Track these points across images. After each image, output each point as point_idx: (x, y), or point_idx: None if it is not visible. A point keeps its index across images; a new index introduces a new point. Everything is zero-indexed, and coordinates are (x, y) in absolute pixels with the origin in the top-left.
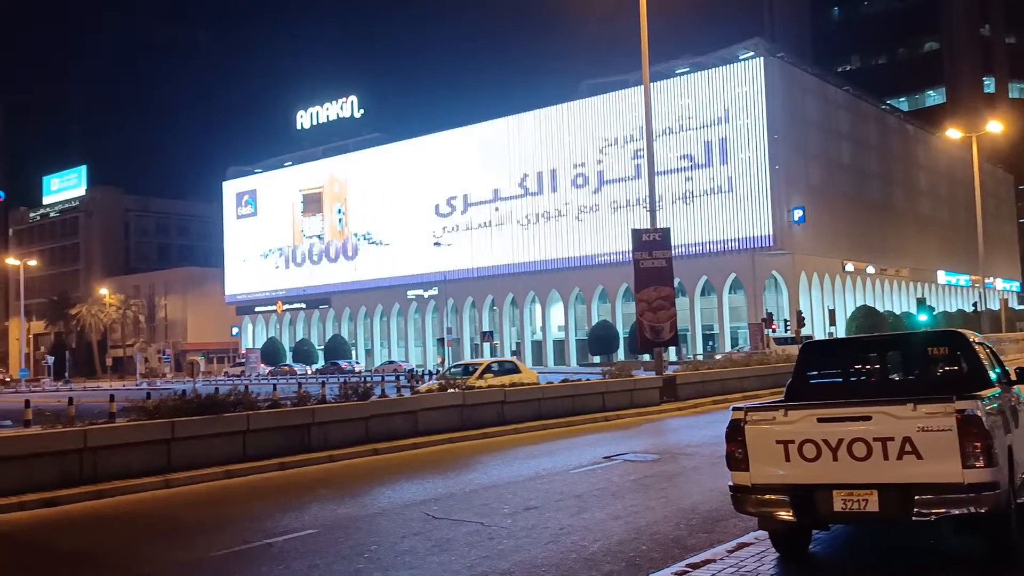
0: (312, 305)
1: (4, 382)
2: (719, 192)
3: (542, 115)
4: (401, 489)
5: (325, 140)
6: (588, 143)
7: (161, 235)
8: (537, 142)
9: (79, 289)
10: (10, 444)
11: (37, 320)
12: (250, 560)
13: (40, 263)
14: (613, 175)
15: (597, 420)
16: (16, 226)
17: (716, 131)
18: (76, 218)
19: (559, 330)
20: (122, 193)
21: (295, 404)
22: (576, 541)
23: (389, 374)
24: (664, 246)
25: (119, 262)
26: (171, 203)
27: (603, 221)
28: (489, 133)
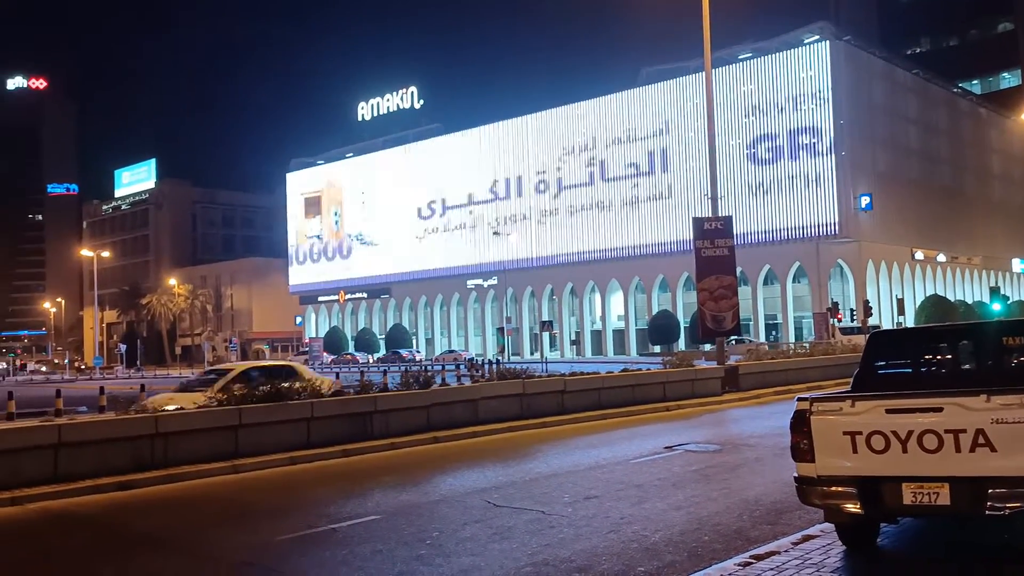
0: (374, 295)
1: (79, 369)
2: (783, 179)
3: (602, 102)
4: (462, 477)
5: (386, 131)
6: (649, 130)
7: (227, 226)
8: (598, 129)
9: (149, 279)
10: (86, 429)
11: (110, 309)
12: (315, 545)
13: (112, 254)
14: (674, 163)
15: (658, 410)
16: (90, 218)
17: (780, 117)
18: (146, 210)
19: (619, 319)
20: (189, 186)
21: (358, 392)
22: (637, 531)
23: (449, 363)
24: (726, 234)
25: (187, 253)
26: (236, 195)
27: (664, 210)
28: (548, 121)
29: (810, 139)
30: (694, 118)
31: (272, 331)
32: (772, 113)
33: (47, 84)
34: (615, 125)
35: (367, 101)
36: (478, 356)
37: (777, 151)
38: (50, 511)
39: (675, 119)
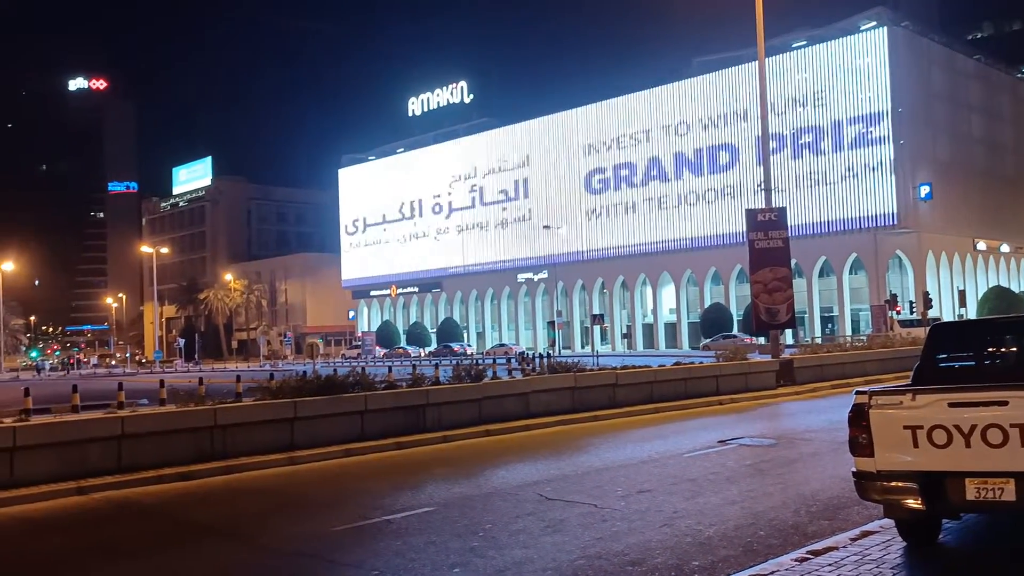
0: (425, 289)
1: (140, 363)
2: (840, 169)
3: (653, 94)
4: (514, 470)
5: (436, 126)
6: (701, 122)
7: (280, 222)
8: (649, 121)
9: (206, 275)
10: (150, 421)
11: (169, 304)
12: (369, 535)
13: (171, 250)
14: (728, 155)
15: (711, 404)
16: (149, 216)
17: (836, 106)
18: (203, 207)
19: (671, 313)
20: (244, 182)
21: (410, 385)
22: (691, 525)
23: (500, 357)
24: (780, 226)
25: (242, 249)
26: (289, 191)
27: (716, 201)
28: (598, 114)
29: (867, 128)
30: (747, 108)
31: (326, 325)
32: (828, 102)
33: (107, 85)
34: (666, 117)
35: (417, 96)
36: (529, 350)
37: (833, 140)
38: (114, 500)
39: (728, 110)
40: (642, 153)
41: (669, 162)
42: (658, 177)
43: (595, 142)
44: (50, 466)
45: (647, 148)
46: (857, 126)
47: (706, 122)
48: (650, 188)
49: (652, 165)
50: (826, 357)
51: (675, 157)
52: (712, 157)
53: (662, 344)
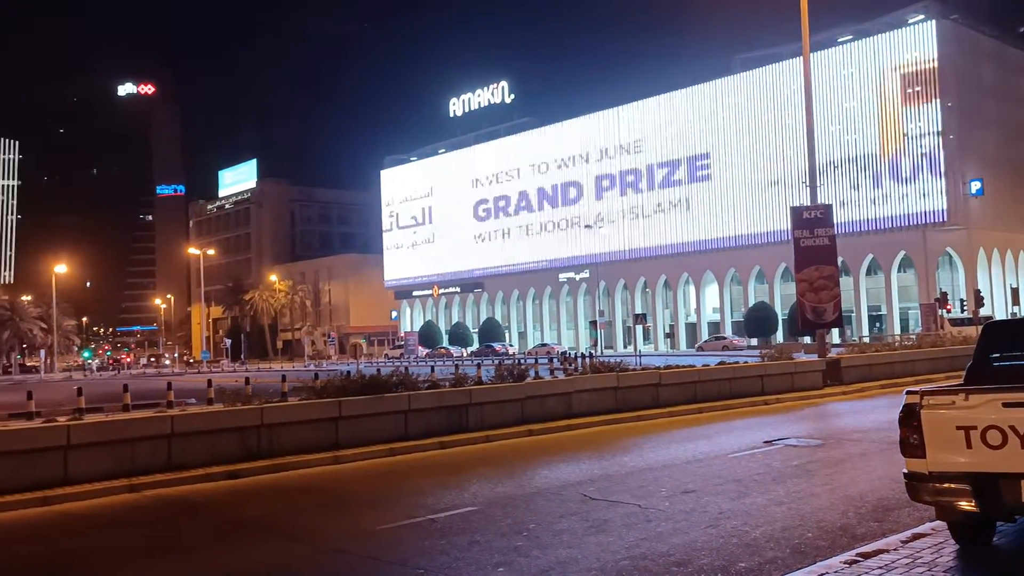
0: (466, 289)
1: (188, 363)
2: (887, 165)
3: (695, 91)
4: (557, 469)
5: (477, 126)
6: (744, 119)
7: (324, 223)
8: (691, 119)
9: (251, 276)
10: (198, 420)
11: (215, 305)
12: (414, 534)
13: (217, 252)
14: (770, 152)
15: (756, 404)
16: (196, 218)
17: (883, 101)
18: (248, 209)
19: (714, 312)
20: (288, 184)
21: (453, 385)
22: (737, 526)
23: (542, 356)
24: (826, 223)
25: (286, 250)
26: (332, 192)
27: (760, 199)
28: (639, 112)
29: (916, 123)
30: (791, 104)
31: (369, 325)
32: (874, 97)
33: (155, 89)
34: (709, 114)
35: (458, 97)
36: (571, 349)
37: (880, 136)
38: (165, 498)
39: (771, 106)
40: (685, 150)
41: (713, 159)
42: (701, 174)
43: (637, 140)
44: (103, 464)
45: (690, 145)
46: (906, 121)
47: (749, 118)
48: (693, 186)
49: (695, 163)
50: (874, 356)
51: (719, 154)
52: (756, 154)
53: None
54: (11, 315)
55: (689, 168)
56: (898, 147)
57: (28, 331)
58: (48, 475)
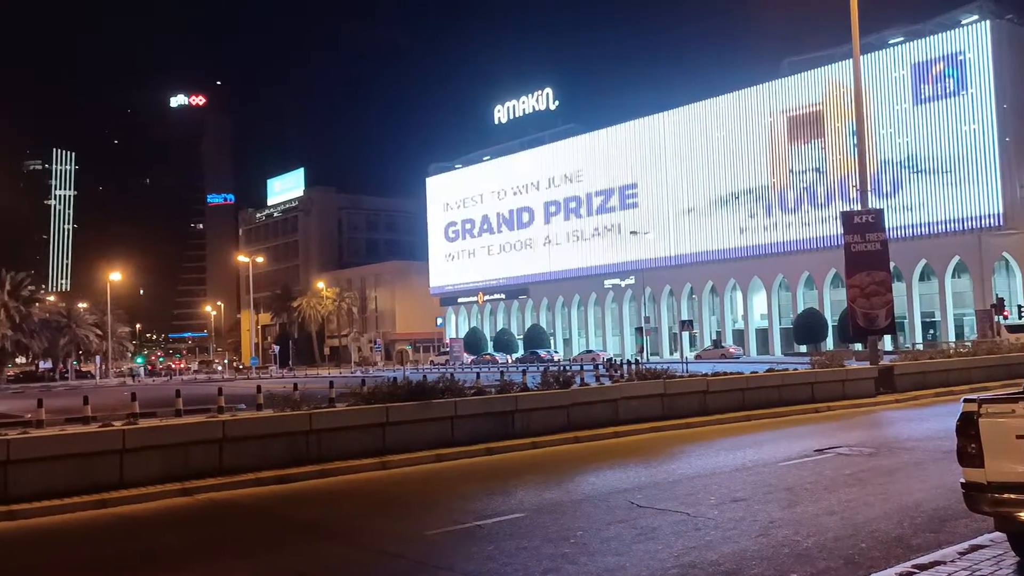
0: (511, 295)
1: (238, 369)
2: (940, 168)
3: (741, 96)
4: (604, 476)
5: (522, 133)
6: (791, 123)
7: (370, 230)
8: (737, 124)
9: (299, 283)
10: (249, 425)
11: (264, 312)
12: (462, 539)
13: (266, 260)
14: (820, 156)
15: (806, 411)
16: (245, 226)
17: (936, 103)
18: (296, 217)
19: (762, 318)
20: (335, 192)
21: (499, 392)
22: (788, 535)
23: (587, 363)
24: (878, 228)
25: (333, 257)
26: (379, 200)
27: (808, 204)
28: (686, 117)
29: (970, 126)
30: (841, 108)
31: (414, 332)
32: (927, 99)
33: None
34: (755, 119)
35: (503, 104)
36: (616, 356)
37: (933, 139)
38: (217, 501)
39: (821, 110)
40: (732, 156)
41: (760, 164)
42: (746, 180)
43: (683, 146)
44: (157, 468)
45: (737, 151)
46: (959, 123)
47: (798, 123)
48: (740, 191)
49: (743, 167)
50: (928, 364)
51: (767, 160)
52: (805, 158)
53: (753, 350)
54: (68, 322)
55: (735, 172)
56: (952, 150)
57: (84, 337)
58: (105, 478)
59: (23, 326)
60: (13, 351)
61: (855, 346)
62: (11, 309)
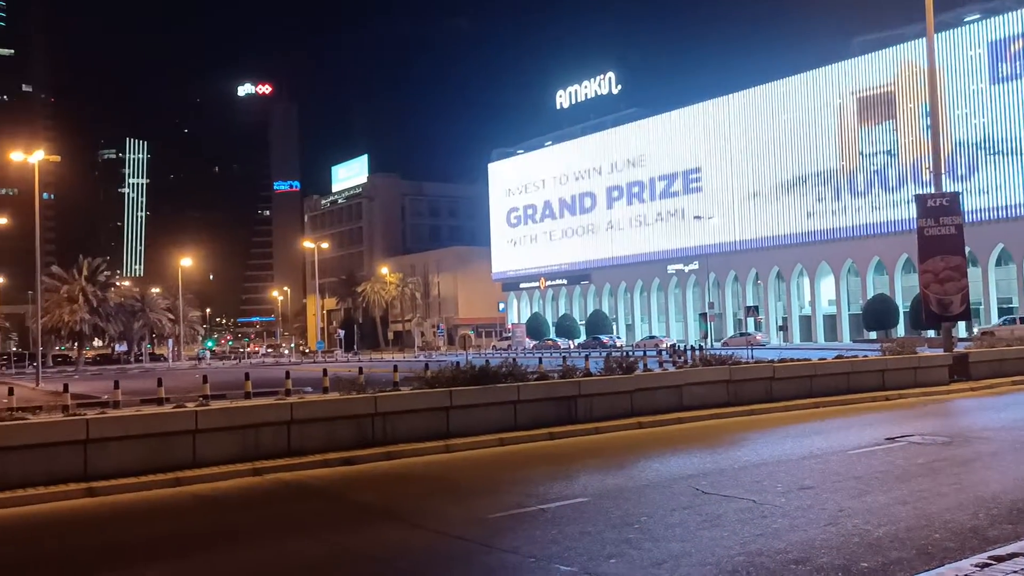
0: (573, 281)
1: (304, 353)
2: (1018, 149)
3: (809, 77)
4: (667, 463)
5: (584, 118)
6: (861, 104)
7: (433, 216)
8: (804, 105)
9: (363, 269)
10: (316, 408)
11: (329, 297)
12: (525, 522)
13: (330, 246)
14: (891, 137)
15: (876, 399)
16: (310, 213)
17: (1014, 82)
18: (359, 203)
19: (830, 304)
20: (398, 179)
21: (561, 377)
22: (858, 525)
23: (650, 349)
24: (953, 211)
25: (396, 243)
26: (441, 186)
27: (879, 187)
28: (751, 100)
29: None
30: (914, 88)
31: (476, 317)
32: (1005, 77)
33: (272, 90)
34: (824, 100)
35: (565, 89)
36: (680, 342)
37: (1011, 119)
38: (286, 482)
39: (893, 90)
40: (799, 139)
41: (828, 146)
42: (813, 163)
43: (748, 129)
44: (228, 448)
45: (804, 133)
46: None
47: (867, 104)
48: (807, 174)
49: (810, 150)
50: (1006, 351)
51: (834, 142)
52: (876, 140)
53: (820, 337)
54: (142, 306)
55: (802, 154)
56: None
57: (157, 321)
58: (179, 458)
59: (100, 310)
60: (91, 334)
61: (927, 333)
62: (89, 294)
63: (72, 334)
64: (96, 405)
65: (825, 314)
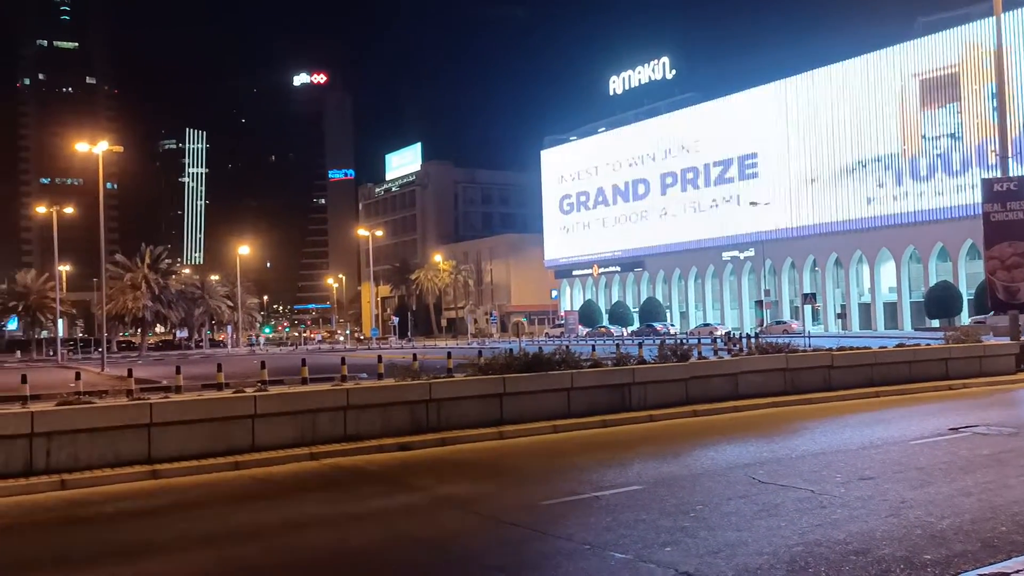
0: (626, 268)
1: (359, 340)
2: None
3: (869, 60)
4: (723, 451)
5: (637, 104)
6: (923, 86)
7: (485, 204)
8: (864, 88)
9: (417, 256)
10: (372, 394)
11: (384, 284)
12: (578, 509)
13: (384, 233)
14: (953, 120)
15: (939, 388)
16: (364, 201)
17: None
18: (413, 191)
19: (890, 291)
20: (451, 166)
21: (615, 364)
22: (920, 516)
23: (705, 337)
24: (1021, 196)
25: (449, 230)
26: (493, 173)
27: (941, 170)
28: (808, 83)
29: None
30: (979, 69)
31: (529, 304)
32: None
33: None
34: (885, 83)
35: (618, 74)
36: (735, 330)
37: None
38: (343, 466)
39: (957, 72)
40: (859, 122)
41: (890, 130)
42: (872, 148)
43: (806, 113)
44: (286, 433)
45: (864, 117)
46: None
47: (930, 85)
48: (867, 159)
49: (871, 134)
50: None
51: (894, 125)
52: (937, 122)
53: (880, 325)
54: (202, 293)
55: (861, 138)
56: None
57: (217, 308)
58: (238, 442)
59: (162, 297)
60: (153, 321)
61: (992, 320)
62: (151, 281)
63: (135, 320)
64: (159, 390)
65: (885, 301)
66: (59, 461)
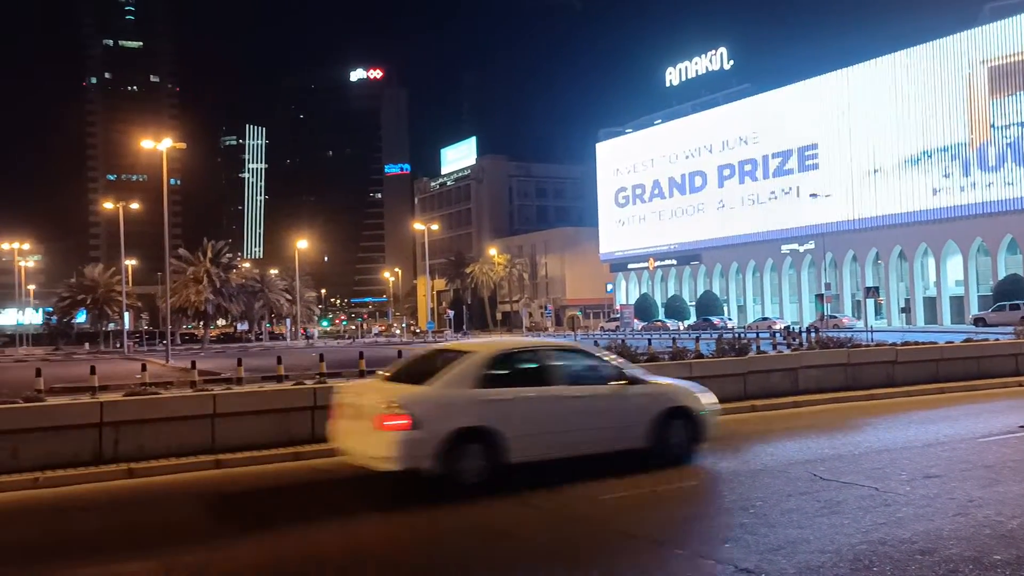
0: (683, 261)
1: (415, 333)
2: None
3: (934, 47)
4: (783, 447)
5: (694, 95)
6: (991, 73)
7: (540, 197)
8: (929, 76)
9: (471, 250)
10: None
11: (439, 278)
12: (637, 504)
13: (440, 227)
14: (1023, 109)
15: (1009, 385)
16: (420, 195)
17: None
18: (468, 185)
19: (956, 285)
20: (506, 160)
21: (672, 358)
22: (989, 516)
23: (763, 331)
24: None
25: (504, 224)
26: (548, 167)
27: (1011, 162)
28: (871, 71)
29: None
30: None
31: (584, 298)
32: None
33: (383, 74)
34: (951, 71)
35: (674, 66)
36: (794, 324)
37: None
38: None
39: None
40: (924, 111)
41: (956, 119)
42: (938, 137)
43: (869, 102)
44: None
45: (930, 106)
46: None
47: (998, 73)
48: (933, 149)
49: (936, 123)
50: None
51: (961, 114)
52: (1007, 110)
53: (946, 319)
54: (262, 287)
55: (925, 128)
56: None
57: (276, 302)
58: (298, 433)
59: (223, 291)
60: (215, 314)
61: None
62: (212, 275)
63: (197, 313)
64: (221, 381)
65: (951, 295)
66: (126, 450)
